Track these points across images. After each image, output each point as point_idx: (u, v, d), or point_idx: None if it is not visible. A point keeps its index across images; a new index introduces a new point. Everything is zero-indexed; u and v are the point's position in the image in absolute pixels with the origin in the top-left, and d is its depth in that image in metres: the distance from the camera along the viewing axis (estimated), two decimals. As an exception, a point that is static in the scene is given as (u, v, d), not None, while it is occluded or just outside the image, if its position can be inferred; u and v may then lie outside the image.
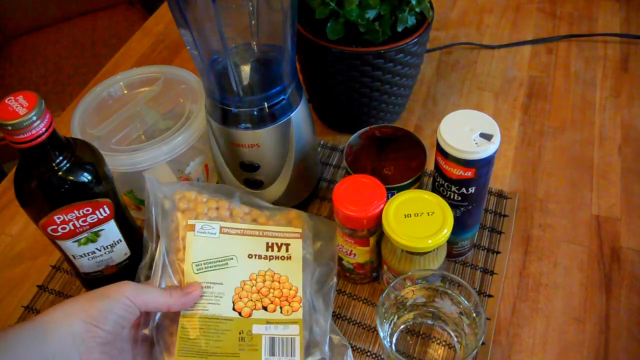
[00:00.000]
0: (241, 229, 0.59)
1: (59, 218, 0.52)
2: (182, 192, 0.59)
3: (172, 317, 0.53)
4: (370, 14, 0.65)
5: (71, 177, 0.50)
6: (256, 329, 0.54)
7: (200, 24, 0.55)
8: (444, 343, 0.57)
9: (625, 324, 0.59)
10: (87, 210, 0.53)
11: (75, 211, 0.52)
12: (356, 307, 0.62)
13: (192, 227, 0.57)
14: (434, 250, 0.53)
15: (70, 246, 0.55)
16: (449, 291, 0.54)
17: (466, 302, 0.53)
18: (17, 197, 0.51)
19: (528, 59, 0.90)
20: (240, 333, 0.53)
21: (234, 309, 0.55)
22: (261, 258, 0.58)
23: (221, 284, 0.55)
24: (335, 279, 0.59)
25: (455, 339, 0.56)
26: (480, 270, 0.64)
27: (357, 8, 0.64)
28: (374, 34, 0.66)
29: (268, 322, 0.55)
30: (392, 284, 0.53)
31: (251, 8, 0.57)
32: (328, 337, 0.55)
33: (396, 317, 0.57)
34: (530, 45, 0.92)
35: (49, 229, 0.53)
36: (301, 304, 0.56)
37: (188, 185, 0.60)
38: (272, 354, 0.53)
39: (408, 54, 0.68)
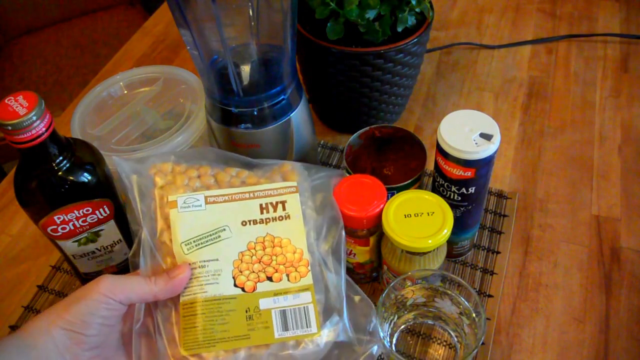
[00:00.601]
0: (229, 194, 0.53)
1: (59, 218, 0.52)
2: (157, 166, 0.53)
3: (172, 305, 0.49)
4: (370, 14, 0.65)
5: (71, 177, 0.50)
6: (264, 303, 0.48)
7: (200, 24, 0.55)
8: (444, 343, 0.57)
9: (625, 323, 0.59)
10: (87, 210, 0.53)
11: (75, 211, 0.52)
12: (356, 307, 0.62)
13: (174, 204, 0.51)
14: (434, 250, 0.53)
15: (70, 246, 0.55)
16: (449, 291, 0.54)
17: (466, 302, 0.53)
18: (17, 197, 0.51)
19: (528, 59, 0.90)
20: (247, 311, 0.48)
21: (235, 284, 0.49)
22: (257, 223, 0.52)
23: (217, 259, 0.50)
24: (343, 232, 0.52)
25: (456, 339, 0.56)
26: (480, 270, 0.64)
27: (357, 8, 0.64)
28: (374, 34, 0.66)
29: (276, 293, 0.49)
30: (392, 284, 0.53)
31: (251, 8, 0.57)
32: (345, 297, 0.49)
33: (396, 317, 0.57)
34: (530, 45, 0.92)
35: (49, 229, 0.53)
36: (309, 267, 0.50)
37: (162, 156, 0.54)
38: (286, 328, 0.48)
39: (408, 54, 0.68)
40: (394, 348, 0.57)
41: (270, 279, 0.50)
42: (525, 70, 0.88)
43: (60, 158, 0.50)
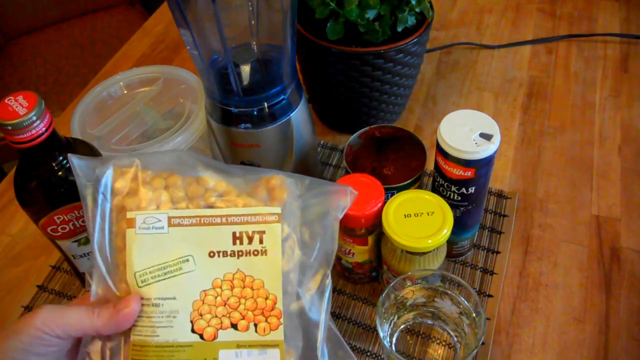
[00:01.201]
0: (197, 216, 0.44)
1: (58, 218, 0.52)
2: (119, 169, 0.45)
3: (122, 336, 0.43)
4: (370, 14, 0.65)
5: (71, 177, 0.50)
6: (224, 356, 0.42)
7: (200, 24, 0.55)
8: (444, 343, 0.57)
9: (625, 323, 0.59)
10: (87, 210, 0.53)
11: (75, 211, 0.52)
12: (356, 307, 0.62)
13: (131, 222, 0.43)
14: (433, 250, 0.53)
15: (70, 246, 0.55)
16: (449, 291, 0.54)
17: (466, 302, 0.53)
18: (17, 197, 0.51)
19: (528, 59, 0.90)
20: None
21: (193, 330, 0.42)
22: (227, 255, 0.44)
23: (174, 298, 0.42)
24: (329, 279, 0.45)
25: (455, 339, 0.56)
26: (480, 270, 0.64)
27: (357, 8, 0.64)
28: (373, 34, 0.66)
29: (239, 345, 0.42)
30: (392, 284, 0.53)
31: (251, 8, 0.57)
32: (325, 354, 0.44)
33: (396, 317, 0.57)
34: (530, 45, 0.92)
35: (48, 229, 0.53)
36: (282, 319, 0.43)
37: (127, 158, 0.45)
38: None
39: (408, 54, 0.68)
40: (393, 348, 0.57)
41: (235, 326, 0.43)
42: (525, 70, 0.88)
43: (60, 158, 0.50)
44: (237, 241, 0.44)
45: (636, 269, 0.63)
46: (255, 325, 0.43)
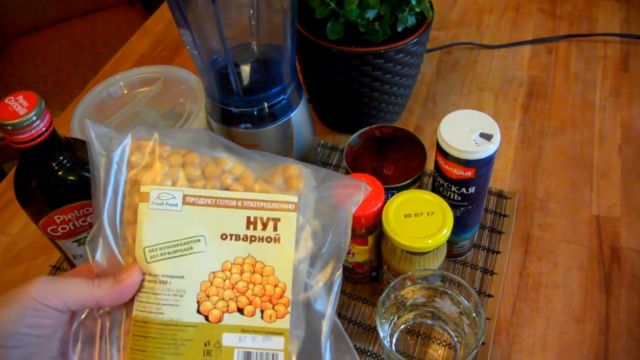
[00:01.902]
0: (213, 197, 0.43)
1: (58, 218, 0.52)
2: (136, 141, 0.44)
3: (124, 308, 0.42)
4: (370, 14, 0.65)
5: (71, 177, 0.50)
6: (227, 339, 0.42)
7: (200, 24, 0.55)
8: (444, 343, 0.57)
9: (625, 323, 0.59)
10: (87, 210, 0.53)
11: (75, 211, 0.52)
12: (356, 307, 0.62)
13: (145, 197, 0.43)
14: (434, 250, 0.53)
15: (70, 246, 0.55)
16: (449, 291, 0.54)
17: (466, 302, 0.53)
18: (17, 197, 0.51)
19: (528, 59, 0.90)
20: (205, 344, 0.41)
21: (198, 311, 0.42)
22: (239, 239, 0.43)
23: (182, 277, 0.42)
24: (340, 271, 0.45)
25: (456, 339, 0.56)
26: (480, 270, 0.64)
27: (357, 8, 0.64)
28: (374, 34, 0.66)
29: (243, 330, 0.42)
30: (392, 284, 0.53)
31: (251, 8, 0.57)
32: (327, 347, 0.43)
33: (396, 317, 0.57)
34: (530, 45, 0.92)
35: (48, 229, 0.53)
36: (289, 308, 0.43)
37: (145, 130, 0.45)
38: None
39: (408, 54, 0.68)
40: (393, 348, 0.57)
41: (241, 311, 0.42)
42: (525, 70, 0.88)
43: (60, 158, 0.50)
44: (251, 226, 0.44)
45: (636, 269, 0.63)
46: (262, 311, 0.42)
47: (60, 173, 0.50)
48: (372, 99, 0.72)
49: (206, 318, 0.42)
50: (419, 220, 0.52)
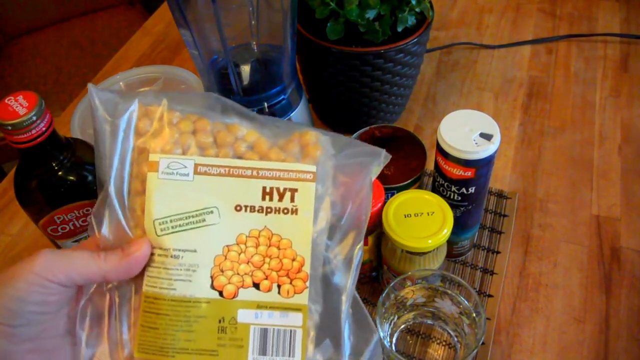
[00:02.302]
0: (226, 166, 0.41)
1: (59, 218, 0.52)
2: (143, 108, 0.41)
3: (133, 283, 0.40)
4: (370, 14, 0.65)
5: (71, 177, 0.51)
6: (243, 315, 0.40)
7: (200, 24, 0.55)
8: (444, 343, 0.57)
9: (625, 323, 0.59)
10: (87, 210, 0.53)
11: (75, 211, 0.52)
12: (356, 307, 0.62)
13: (154, 166, 0.40)
14: (434, 250, 0.53)
15: (70, 246, 0.55)
16: (449, 291, 0.54)
17: (466, 302, 0.53)
18: (17, 197, 0.51)
19: (528, 59, 0.90)
20: (220, 321, 0.40)
21: (212, 286, 0.40)
22: (254, 210, 0.41)
23: (195, 251, 0.40)
24: (361, 243, 0.42)
25: (456, 339, 0.56)
26: (480, 270, 0.64)
27: (357, 8, 0.64)
28: (374, 34, 0.66)
29: (259, 306, 0.40)
30: (392, 284, 0.53)
31: (251, 8, 0.57)
32: (346, 323, 0.41)
33: (396, 317, 0.57)
34: (530, 45, 0.92)
35: (49, 229, 0.53)
36: (307, 283, 0.41)
37: (153, 96, 0.42)
38: (263, 352, 0.39)
39: (408, 54, 0.68)
40: (393, 348, 0.57)
41: (257, 286, 0.40)
42: (525, 70, 0.88)
43: (60, 158, 0.50)
44: (267, 197, 0.41)
45: (636, 269, 0.63)
46: (279, 286, 0.40)
47: (60, 173, 0.50)
48: (372, 99, 0.72)
49: (220, 294, 0.40)
50: (419, 220, 0.52)
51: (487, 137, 0.52)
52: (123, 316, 0.40)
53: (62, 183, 0.50)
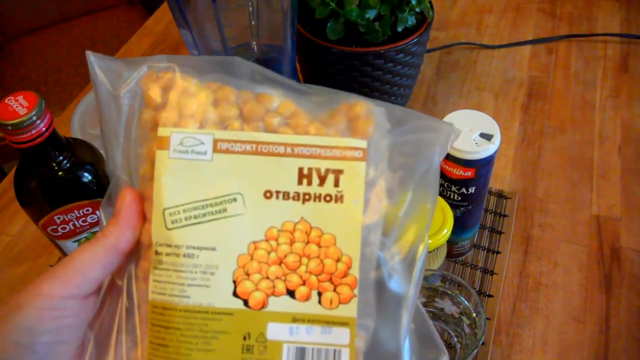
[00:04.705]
0: (253, 142, 0.33)
1: (59, 218, 0.52)
2: (154, 74, 0.34)
3: (137, 252, 0.33)
4: (370, 14, 0.65)
5: (71, 177, 0.51)
6: (274, 331, 0.32)
7: (200, 24, 0.55)
8: (444, 343, 0.57)
9: (625, 323, 0.59)
10: (87, 210, 0.53)
11: (75, 211, 0.52)
12: (356, 307, 0.61)
13: (164, 142, 0.33)
14: (434, 250, 0.53)
15: (70, 246, 0.55)
16: (449, 291, 0.54)
17: (466, 302, 0.53)
18: (17, 197, 0.51)
19: (528, 59, 0.90)
20: (245, 338, 0.32)
21: (235, 293, 0.32)
22: (288, 198, 0.33)
23: (213, 249, 0.32)
24: (426, 243, 0.34)
25: (456, 339, 0.56)
26: (480, 270, 0.64)
27: (357, 8, 0.64)
28: (374, 34, 0.66)
29: (295, 319, 0.32)
30: (392, 284, 0.53)
31: (251, 8, 0.57)
32: (407, 340, 0.33)
33: (396, 317, 0.57)
34: (530, 45, 0.92)
35: (49, 229, 0.53)
36: (356, 290, 0.32)
37: (166, 61, 0.34)
38: None
39: (408, 54, 0.68)
40: (394, 348, 0.57)
41: (291, 293, 0.32)
42: (525, 70, 0.88)
43: (61, 158, 0.50)
44: (304, 180, 0.33)
45: (636, 269, 0.63)
46: (320, 294, 0.32)
47: (60, 173, 0.50)
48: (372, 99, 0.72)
49: (245, 303, 0.32)
50: (419, 220, 0.52)
51: (487, 137, 0.52)
52: (129, 331, 0.33)
53: (62, 183, 0.50)
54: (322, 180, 0.33)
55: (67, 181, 0.50)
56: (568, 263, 0.64)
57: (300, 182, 0.33)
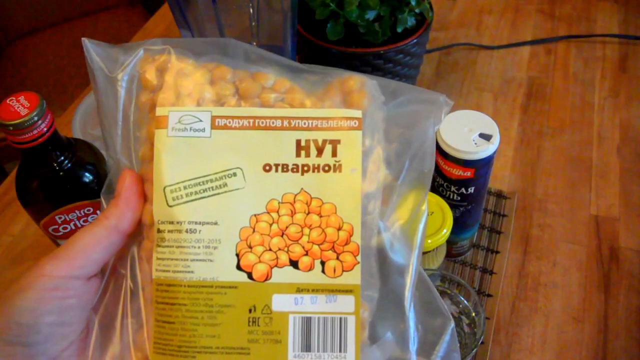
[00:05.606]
0: (250, 117, 0.34)
1: (60, 218, 0.52)
2: (150, 57, 0.35)
3: (139, 232, 0.33)
4: (370, 15, 0.65)
5: (72, 177, 0.51)
6: (279, 302, 0.32)
7: (200, 24, 0.55)
8: (443, 342, 0.57)
9: (624, 323, 0.59)
10: (89, 210, 0.53)
11: (76, 211, 0.52)
12: (356, 307, 0.62)
13: (162, 122, 0.33)
14: (433, 250, 0.53)
15: (71, 246, 0.55)
16: (449, 291, 0.54)
17: (465, 301, 0.53)
18: (19, 197, 0.51)
19: (527, 59, 0.90)
20: (250, 310, 0.32)
21: (239, 266, 0.32)
22: (287, 170, 0.33)
23: (215, 223, 0.33)
24: (426, 204, 0.34)
25: (455, 338, 0.57)
26: (480, 269, 0.64)
27: (357, 9, 0.64)
28: (373, 34, 0.67)
29: (299, 289, 0.32)
30: (391, 284, 0.53)
31: (251, 9, 0.57)
32: (411, 307, 0.33)
33: (396, 316, 0.57)
34: (529, 45, 0.92)
35: (50, 229, 0.53)
36: (359, 257, 0.32)
37: (161, 43, 0.35)
38: (307, 347, 0.32)
39: (408, 55, 0.68)
40: (393, 347, 0.57)
41: (294, 264, 0.32)
42: (524, 70, 0.88)
43: (62, 158, 0.50)
44: (302, 152, 0.33)
45: (635, 268, 0.63)
46: (323, 263, 0.32)
47: (61, 173, 0.50)
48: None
49: (249, 275, 0.32)
50: (419, 220, 0.52)
51: (486, 137, 0.52)
52: (134, 314, 0.33)
53: (64, 183, 0.50)
54: (320, 151, 0.33)
55: (68, 181, 0.51)
56: (567, 263, 0.65)
57: (298, 154, 0.33)
